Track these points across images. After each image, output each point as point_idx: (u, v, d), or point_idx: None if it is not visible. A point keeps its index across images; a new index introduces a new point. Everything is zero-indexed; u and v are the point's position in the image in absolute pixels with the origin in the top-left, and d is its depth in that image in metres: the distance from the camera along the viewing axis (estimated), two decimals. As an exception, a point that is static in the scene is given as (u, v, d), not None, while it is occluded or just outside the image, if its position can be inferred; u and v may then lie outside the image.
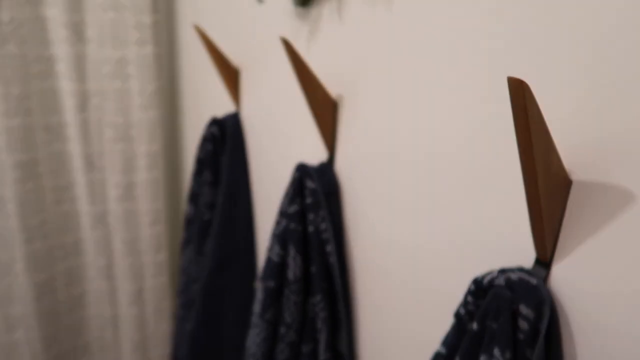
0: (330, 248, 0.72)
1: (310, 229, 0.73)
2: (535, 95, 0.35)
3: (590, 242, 0.42)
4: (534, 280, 0.44)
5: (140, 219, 1.39)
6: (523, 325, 0.43)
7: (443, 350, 0.51)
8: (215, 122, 1.03)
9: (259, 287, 0.79)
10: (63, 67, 1.21)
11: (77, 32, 1.20)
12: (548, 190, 0.40)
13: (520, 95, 0.35)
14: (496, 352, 0.43)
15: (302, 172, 0.73)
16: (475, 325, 0.46)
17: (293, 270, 0.74)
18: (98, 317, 1.46)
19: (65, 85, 1.23)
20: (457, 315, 0.49)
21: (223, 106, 1.10)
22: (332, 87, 0.72)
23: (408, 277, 0.64)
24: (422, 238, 0.60)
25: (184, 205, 1.19)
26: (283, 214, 0.74)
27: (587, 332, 0.43)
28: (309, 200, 0.72)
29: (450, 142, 0.54)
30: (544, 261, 0.45)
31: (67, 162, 1.30)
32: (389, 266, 0.67)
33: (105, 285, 1.43)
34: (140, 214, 1.39)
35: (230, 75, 1.02)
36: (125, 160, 1.32)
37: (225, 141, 1.02)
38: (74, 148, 1.28)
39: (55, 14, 1.17)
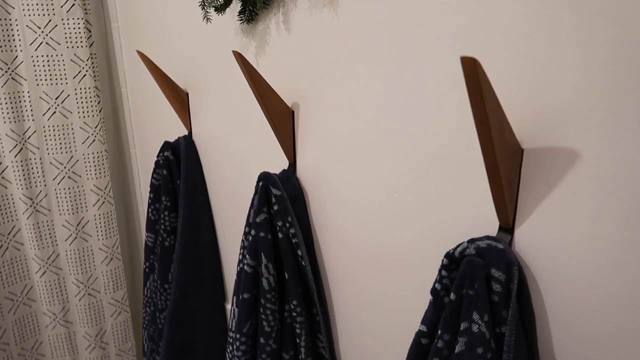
0: (301, 252, 0.74)
1: (280, 235, 0.74)
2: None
3: (544, 203, 0.46)
4: (500, 245, 0.47)
5: (95, 257, 1.34)
6: (496, 287, 0.46)
7: (424, 329, 0.53)
8: (168, 146, 1.03)
9: (232, 303, 0.79)
10: (-2, 108, 1.16)
11: (10, 70, 1.16)
12: (504, 158, 0.44)
13: (474, 72, 0.38)
14: (475, 316, 0.46)
15: (267, 180, 0.74)
16: (452, 296, 0.49)
17: (267, 279, 0.74)
18: (57, 367, 1.38)
19: (1, 127, 1.18)
20: (434, 291, 0.52)
21: (174, 131, 1.10)
22: (286, 96, 0.75)
23: (379, 270, 0.66)
24: (389, 229, 0.63)
25: (142, 237, 1.17)
26: (251, 224, 0.75)
27: (550, 284, 0.47)
28: (275, 207, 0.74)
29: (405, 131, 0.58)
30: (507, 227, 0.49)
31: (8, 206, 1.24)
32: (357, 263, 0.69)
33: (62, 331, 1.36)
34: (95, 252, 1.34)
35: (179, 99, 1.03)
36: (73, 198, 1.28)
37: (180, 164, 1.02)
38: (15, 191, 1.23)
39: (-16, 53, 1.13)
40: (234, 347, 0.78)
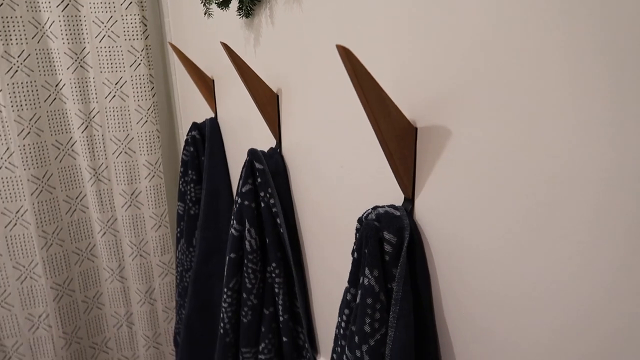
0: (279, 220, 0.83)
1: (262, 205, 0.84)
2: (371, 67, 0.46)
3: (434, 175, 0.52)
4: (397, 212, 0.54)
5: (146, 223, 1.53)
6: (388, 248, 0.53)
7: (347, 284, 0.61)
8: (195, 127, 1.17)
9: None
10: (68, 91, 1.38)
11: (79, 59, 1.37)
12: (392, 133, 0.50)
13: (347, 58, 0.46)
14: (367, 271, 0.53)
15: (252, 155, 0.84)
16: (355, 255, 0.56)
17: (249, 242, 0.85)
18: (114, 315, 1.61)
19: (71, 107, 1.40)
20: (352, 252, 0.60)
21: (207, 113, 1.24)
22: (272, 82, 0.84)
23: (335, 238, 0.74)
24: (336, 200, 0.71)
25: (179, 206, 1.33)
26: (238, 193, 0.86)
27: (438, 246, 0.53)
28: (259, 180, 0.84)
29: (356, 115, 0.65)
30: (408, 197, 0.55)
31: (77, 175, 1.46)
32: (324, 231, 0.78)
33: (118, 285, 1.58)
34: (146, 219, 1.53)
35: (206, 85, 1.16)
36: (128, 170, 1.47)
37: (205, 143, 1.15)
38: (82, 162, 1.45)
39: (59, 45, 1.34)
40: (223, 300, 0.90)
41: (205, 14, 0.87)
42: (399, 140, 0.51)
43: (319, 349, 0.89)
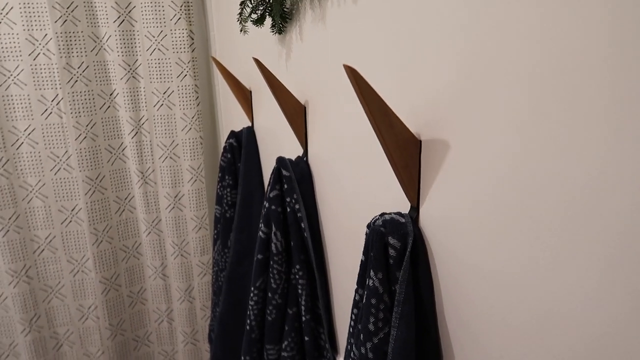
0: (304, 225, 0.88)
1: (288, 209, 0.90)
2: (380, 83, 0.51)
3: (437, 186, 0.55)
4: (402, 219, 0.57)
5: (187, 225, 1.62)
6: (392, 252, 0.56)
7: (356, 286, 0.65)
8: (233, 135, 1.24)
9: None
10: (121, 100, 1.49)
11: (131, 70, 1.48)
12: (396, 144, 0.54)
13: (352, 76, 0.50)
14: (372, 273, 0.57)
15: (280, 163, 0.90)
16: (362, 258, 0.60)
17: (275, 244, 0.90)
18: (155, 311, 1.71)
19: (123, 114, 1.51)
20: (362, 255, 0.63)
21: (245, 122, 1.31)
22: (301, 94, 0.90)
23: (351, 240, 0.78)
24: (353, 207, 0.75)
25: (217, 209, 1.40)
26: (266, 198, 0.92)
27: (441, 253, 0.56)
28: (285, 186, 0.89)
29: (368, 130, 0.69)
30: (414, 206, 0.59)
31: (126, 177, 1.58)
32: (339, 234, 0.82)
33: (161, 283, 1.68)
34: (187, 221, 1.62)
35: (244, 96, 1.23)
36: (172, 174, 1.57)
37: (241, 150, 1.22)
38: (131, 165, 1.56)
39: (114, 57, 1.46)
40: (250, 298, 0.96)
41: (241, 30, 0.93)
42: (402, 150, 0.55)
43: (339, 349, 0.92)
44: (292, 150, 1.00)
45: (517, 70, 0.41)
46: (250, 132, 1.23)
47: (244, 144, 1.21)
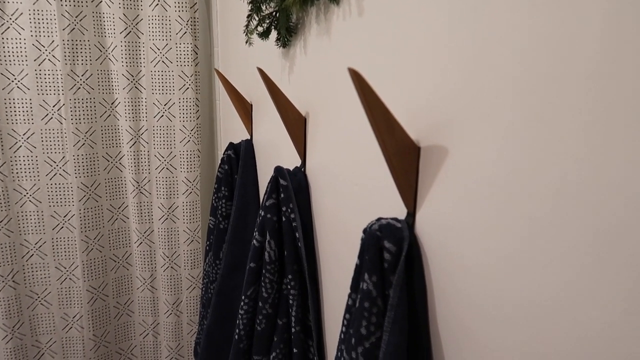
0: (298, 235, 0.89)
1: (283, 219, 0.90)
2: (382, 92, 0.52)
3: (435, 192, 0.56)
4: (398, 224, 0.58)
5: (180, 237, 1.62)
6: (387, 256, 0.57)
7: (349, 291, 0.65)
8: (232, 147, 1.25)
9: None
10: (122, 109, 1.51)
11: (134, 81, 1.50)
12: (396, 150, 0.56)
13: (356, 79, 0.52)
14: (366, 276, 0.57)
15: (278, 172, 0.91)
16: (357, 261, 0.60)
17: (269, 253, 0.90)
18: (141, 324, 1.68)
19: (123, 124, 1.52)
20: (357, 261, 0.64)
21: (244, 135, 1.33)
22: (302, 106, 0.91)
23: (346, 252, 0.79)
24: (350, 215, 0.75)
25: (211, 221, 1.40)
26: (262, 207, 0.92)
27: (435, 259, 0.56)
28: (282, 195, 0.90)
29: (365, 137, 0.71)
30: (411, 211, 0.60)
31: (121, 186, 1.58)
32: (334, 246, 0.82)
33: (149, 295, 1.66)
34: (180, 233, 1.62)
35: (245, 109, 1.25)
36: (168, 186, 1.57)
37: (239, 162, 1.23)
38: (127, 174, 1.56)
39: (118, 67, 1.48)
40: (240, 307, 0.95)
41: (246, 42, 0.96)
42: (401, 156, 0.56)
43: (327, 363, 0.91)
44: (290, 161, 1.01)
45: (513, 79, 0.43)
46: (248, 144, 1.24)
47: (241, 156, 1.22)
